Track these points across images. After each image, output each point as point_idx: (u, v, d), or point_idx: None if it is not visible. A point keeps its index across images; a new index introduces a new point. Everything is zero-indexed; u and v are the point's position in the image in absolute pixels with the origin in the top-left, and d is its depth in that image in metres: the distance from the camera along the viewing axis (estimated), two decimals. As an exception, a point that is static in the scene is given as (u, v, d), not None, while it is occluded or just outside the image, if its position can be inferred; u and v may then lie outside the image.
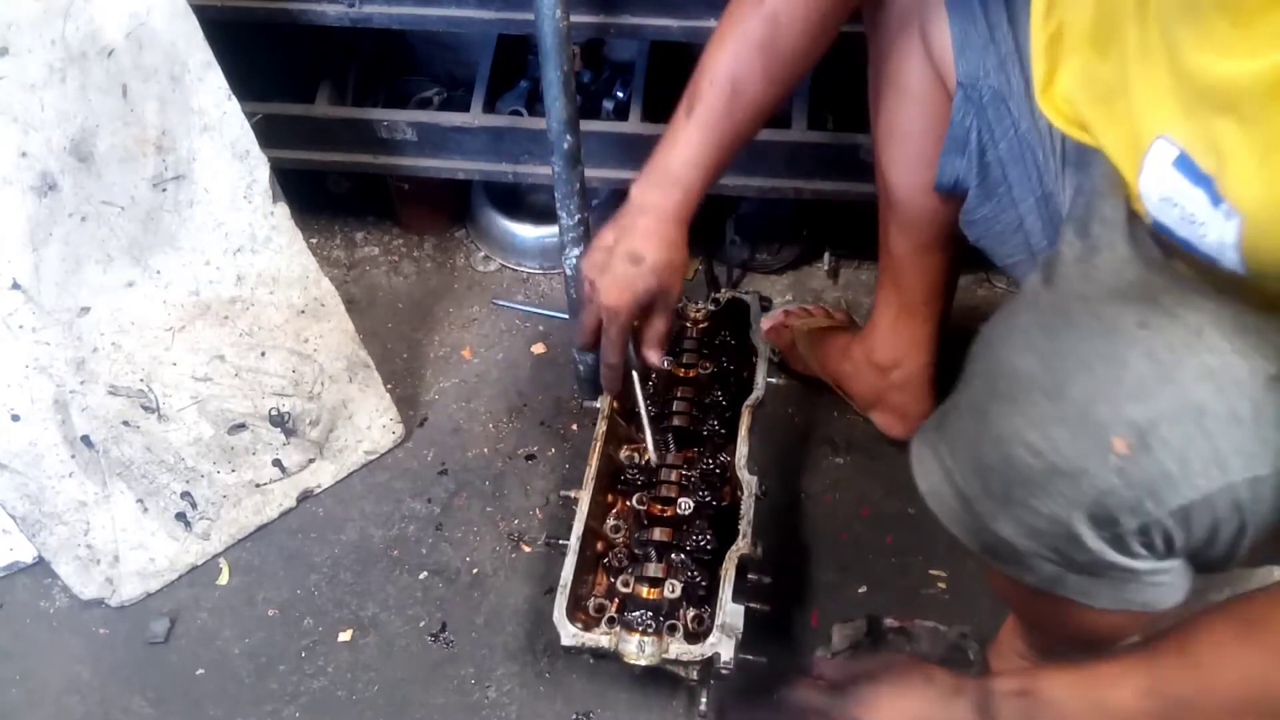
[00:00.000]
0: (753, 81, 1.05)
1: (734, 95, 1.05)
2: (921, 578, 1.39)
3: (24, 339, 1.18)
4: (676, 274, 1.12)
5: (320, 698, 1.33)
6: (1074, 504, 0.75)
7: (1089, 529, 0.76)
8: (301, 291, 1.36)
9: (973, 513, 0.81)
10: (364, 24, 1.49)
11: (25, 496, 1.27)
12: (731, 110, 1.06)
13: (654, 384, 1.41)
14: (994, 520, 0.80)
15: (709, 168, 1.08)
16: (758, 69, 1.04)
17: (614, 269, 1.10)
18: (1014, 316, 0.82)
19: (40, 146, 1.09)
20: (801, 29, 1.03)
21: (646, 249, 1.09)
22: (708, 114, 1.06)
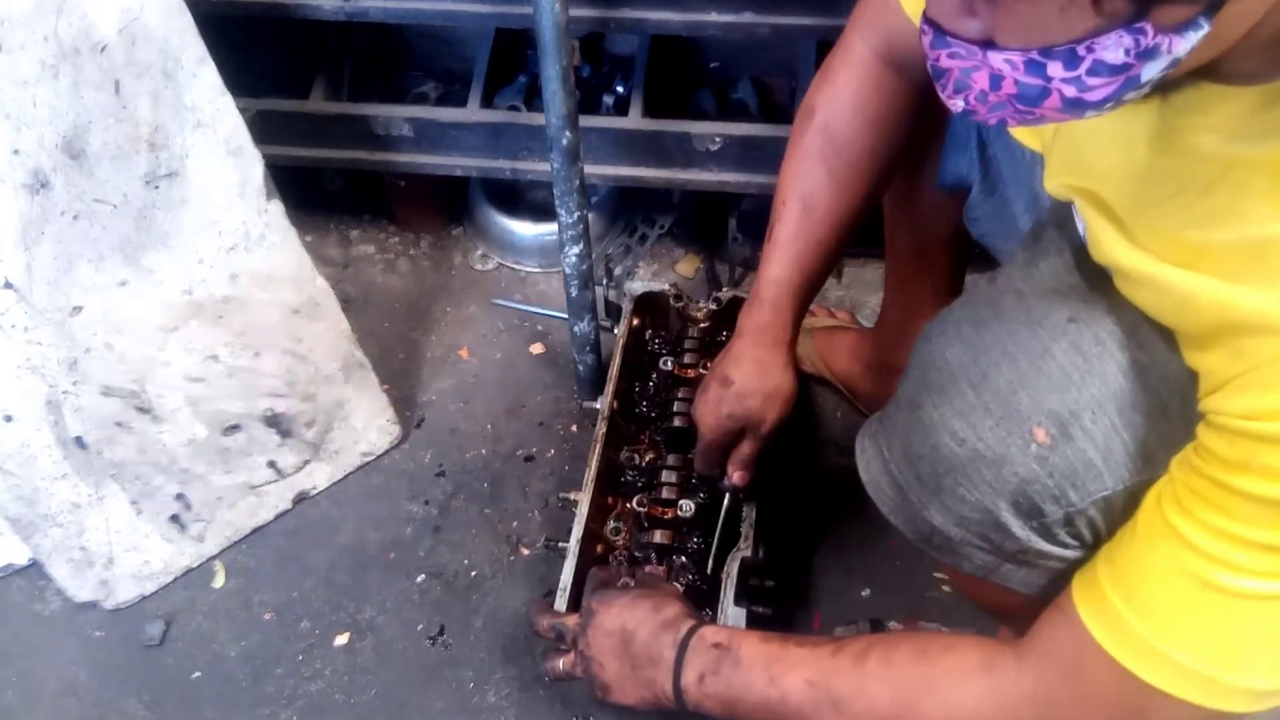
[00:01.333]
0: (822, 193, 1.06)
1: (806, 210, 1.07)
2: (925, 581, 1.38)
3: (16, 339, 1.16)
4: (770, 400, 1.11)
5: (317, 701, 1.32)
6: (998, 492, 0.77)
7: (1014, 517, 0.78)
8: (296, 290, 1.34)
9: (907, 501, 0.84)
10: (360, 18, 1.48)
11: (18, 498, 1.26)
12: (807, 225, 1.07)
13: (654, 384, 1.39)
14: (926, 509, 0.82)
15: (796, 284, 1.09)
16: (824, 179, 1.06)
17: (709, 390, 1.13)
18: (951, 311, 0.85)
19: (32, 144, 1.08)
20: (856, 130, 1.05)
21: (736, 373, 1.10)
22: (785, 232, 1.08)
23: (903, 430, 0.83)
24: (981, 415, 0.77)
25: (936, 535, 0.83)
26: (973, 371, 0.78)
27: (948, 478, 0.79)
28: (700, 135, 1.51)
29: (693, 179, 1.57)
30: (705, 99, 1.71)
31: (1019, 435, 0.75)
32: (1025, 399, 0.75)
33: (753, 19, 1.40)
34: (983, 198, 1.12)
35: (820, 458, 1.50)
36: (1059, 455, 0.74)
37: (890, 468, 0.85)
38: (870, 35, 1.04)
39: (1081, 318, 0.77)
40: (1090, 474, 0.74)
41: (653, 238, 1.77)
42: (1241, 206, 0.64)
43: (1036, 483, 0.75)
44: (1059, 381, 0.75)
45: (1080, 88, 0.58)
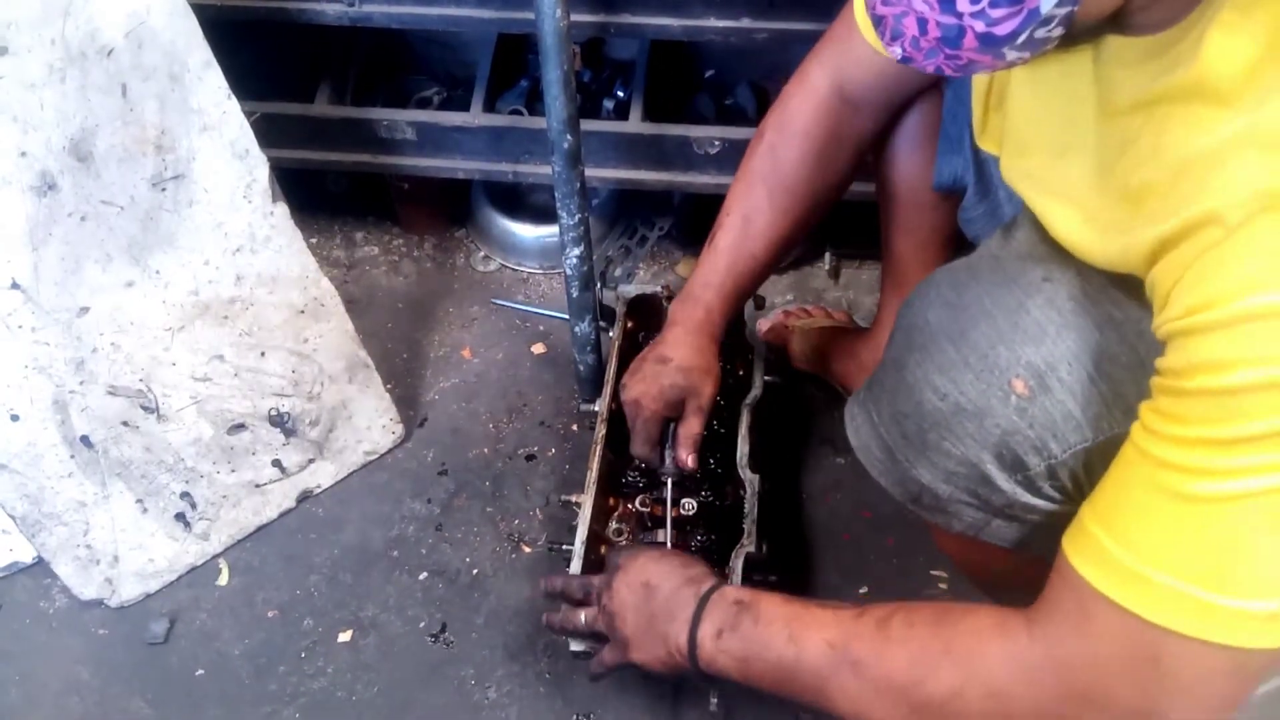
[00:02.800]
0: (761, 211, 1.13)
1: (744, 226, 1.14)
2: (923, 579, 1.38)
3: (23, 339, 1.18)
4: (706, 377, 1.15)
5: (320, 698, 1.33)
6: (981, 444, 0.78)
7: (998, 470, 0.79)
8: (301, 291, 1.35)
9: (895, 461, 0.85)
10: (364, 23, 1.49)
11: (25, 497, 1.27)
12: (744, 238, 1.14)
13: None
14: (914, 466, 0.84)
15: (728, 289, 1.16)
16: (764, 199, 1.13)
17: (643, 370, 1.16)
18: (932, 276, 0.88)
19: (40, 146, 1.09)
20: (798, 160, 1.11)
21: (673, 352, 1.15)
22: (724, 241, 1.16)
23: (889, 391, 0.85)
24: (962, 369, 0.78)
25: (925, 493, 0.84)
26: (952, 329, 0.80)
27: (932, 433, 0.81)
28: (699, 139, 1.53)
29: (692, 182, 1.58)
30: (704, 103, 1.72)
31: (999, 387, 0.77)
32: (1003, 352, 0.77)
33: (750, 24, 1.42)
34: (976, 199, 1.13)
35: (818, 457, 1.51)
36: (1038, 406, 0.76)
37: (878, 430, 0.86)
38: (829, 67, 1.08)
39: (1055, 277, 0.79)
40: (1069, 425, 0.76)
41: (652, 240, 1.78)
42: (1164, 141, 0.66)
43: (1018, 434, 0.77)
44: (1035, 335, 0.76)
45: (988, 21, 0.62)
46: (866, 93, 1.09)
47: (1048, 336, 0.76)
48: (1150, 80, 0.68)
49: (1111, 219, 0.72)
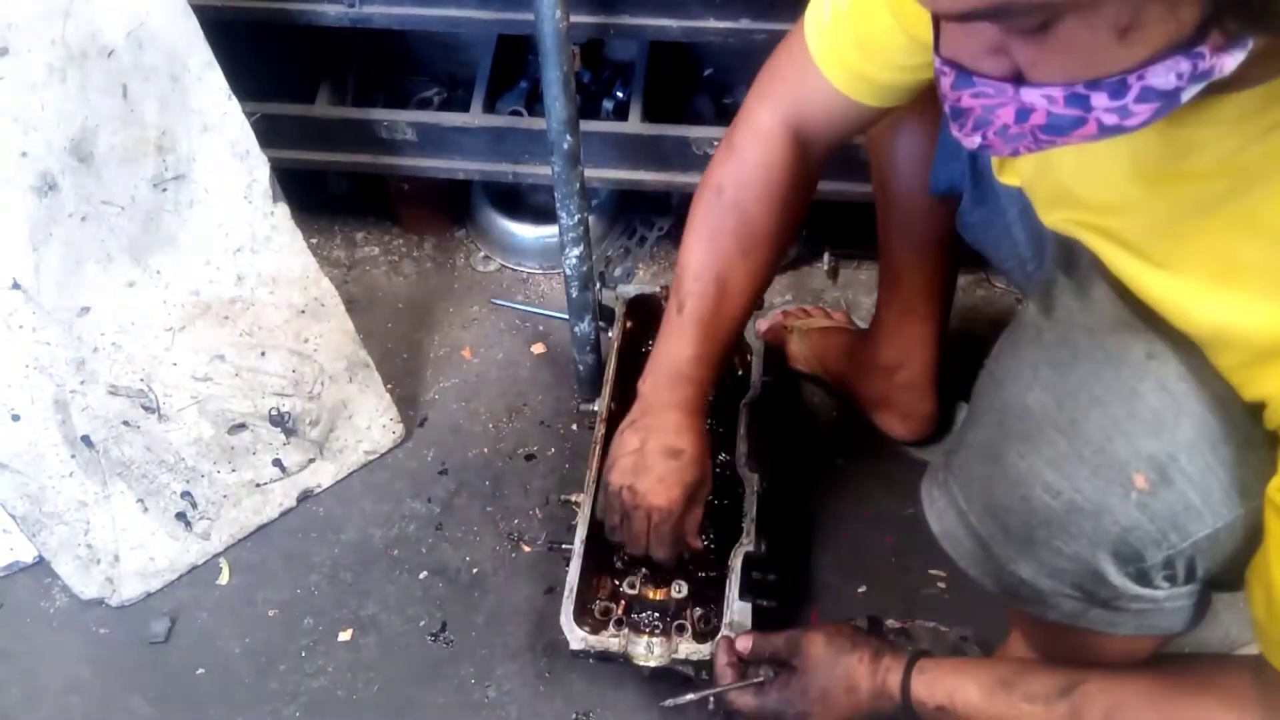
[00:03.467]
0: (735, 270, 1.07)
1: (720, 287, 1.06)
2: (921, 578, 1.39)
3: (24, 339, 1.18)
4: (709, 461, 1.11)
5: (320, 697, 1.33)
6: (1097, 543, 0.74)
7: (1113, 565, 0.75)
8: (301, 291, 1.36)
9: (991, 555, 0.80)
10: (364, 24, 1.49)
11: (25, 496, 1.27)
12: (720, 303, 1.07)
13: None
14: (1014, 563, 0.79)
15: (711, 361, 1.09)
16: (736, 257, 1.06)
17: (654, 469, 1.06)
18: (1019, 351, 0.81)
19: (40, 146, 1.09)
20: (766, 208, 1.06)
21: (683, 442, 1.06)
22: (699, 310, 1.07)
23: (983, 481, 0.80)
24: (1076, 465, 0.73)
25: (1024, 588, 0.80)
26: (1059, 418, 0.75)
27: (1041, 530, 0.76)
28: (698, 139, 1.53)
29: (691, 182, 1.58)
30: (703, 104, 1.73)
31: (1119, 484, 0.72)
32: (1122, 445, 0.72)
33: (750, 25, 1.42)
34: (973, 205, 1.13)
35: (817, 457, 1.52)
36: (1159, 500, 0.72)
37: (969, 519, 0.81)
38: (778, 105, 1.04)
39: (1158, 353, 0.74)
40: (1190, 515, 0.72)
41: (651, 240, 1.78)
42: (1261, 216, 0.63)
43: (1138, 530, 0.73)
44: (1153, 424, 0.72)
45: (1123, 115, 0.57)
46: (824, 131, 1.04)
47: (1165, 425, 0.72)
48: (1246, 142, 0.63)
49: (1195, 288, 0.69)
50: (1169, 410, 0.72)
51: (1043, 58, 0.56)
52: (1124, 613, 0.80)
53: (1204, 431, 0.71)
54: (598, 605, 1.20)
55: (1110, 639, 0.84)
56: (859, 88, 0.98)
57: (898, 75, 0.95)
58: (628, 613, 1.20)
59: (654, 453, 1.06)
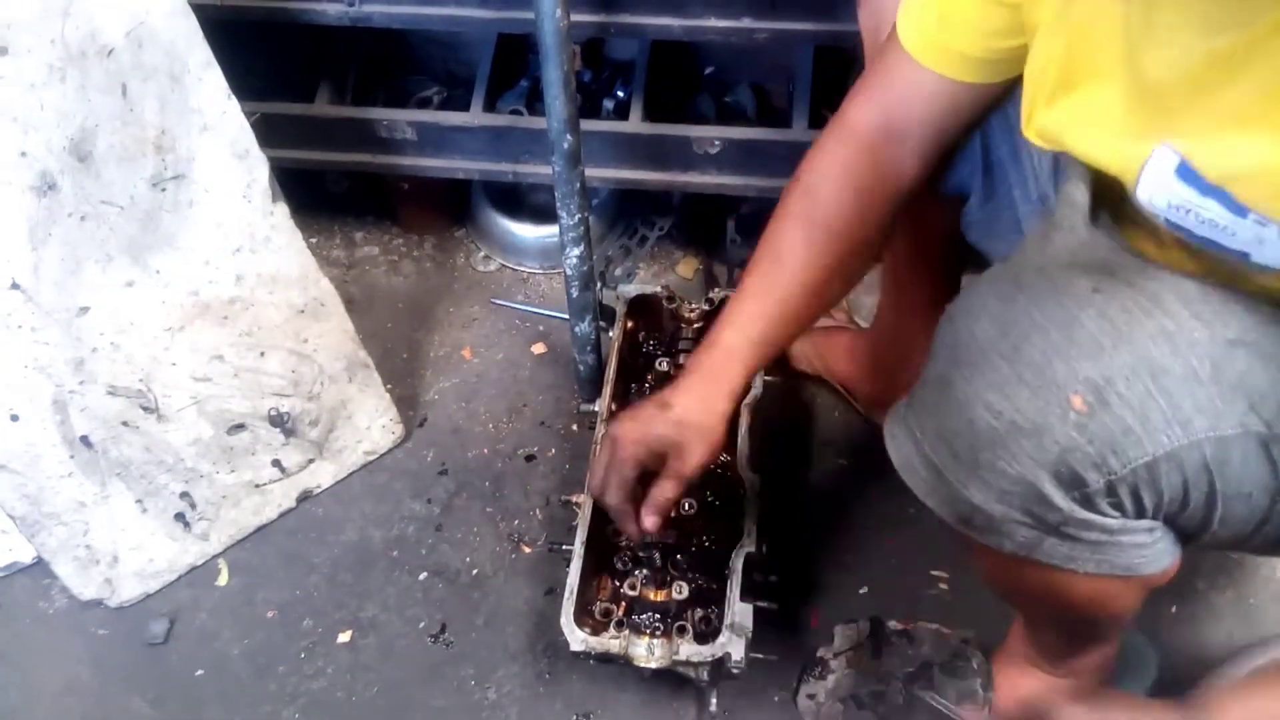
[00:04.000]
0: (794, 250, 1.04)
1: (775, 263, 1.05)
2: (923, 578, 1.39)
3: (23, 339, 1.18)
4: (700, 438, 1.03)
5: (320, 699, 1.33)
6: (1038, 462, 0.76)
7: (1055, 488, 0.77)
8: (301, 291, 1.35)
9: (944, 481, 0.82)
10: (364, 23, 1.49)
11: (24, 497, 1.27)
12: (775, 278, 1.04)
13: (650, 386, 1.40)
14: (965, 487, 0.81)
15: (754, 337, 1.05)
16: (798, 238, 1.04)
17: (639, 409, 1.06)
18: (973, 289, 0.84)
19: (40, 146, 1.09)
20: (837, 196, 1.03)
21: (678, 399, 1.04)
22: (751, 285, 1.05)
23: (935, 409, 0.82)
24: (1017, 386, 0.76)
25: (977, 514, 0.82)
26: (1003, 344, 0.77)
27: (986, 452, 0.78)
28: (699, 139, 1.53)
29: (692, 182, 1.58)
30: (704, 103, 1.72)
31: (1057, 404, 0.74)
32: (1060, 367, 0.74)
33: (751, 24, 1.42)
34: (979, 204, 1.12)
35: (818, 457, 1.51)
36: (1097, 422, 0.74)
37: (924, 449, 0.83)
38: (869, 107, 1.02)
39: (1105, 288, 0.76)
40: (1129, 440, 0.74)
41: (652, 239, 1.78)
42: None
43: (1077, 451, 0.75)
44: (1091, 349, 0.74)
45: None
46: (915, 119, 1.01)
47: (1104, 350, 0.74)
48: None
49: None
50: (1108, 337, 0.74)
51: None
52: (1079, 544, 0.81)
53: (1144, 360, 0.73)
54: (598, 606, 1.20)
55: (1076, 579, 0.85)
56: (947, 61, 0.95)
57: (983, 41, 0.93)
58: (628, 614, 1.20)
59: (651, 400, 1.06)
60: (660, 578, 1.22)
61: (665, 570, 1.23)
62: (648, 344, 1.44)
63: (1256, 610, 1.34)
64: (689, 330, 1.43)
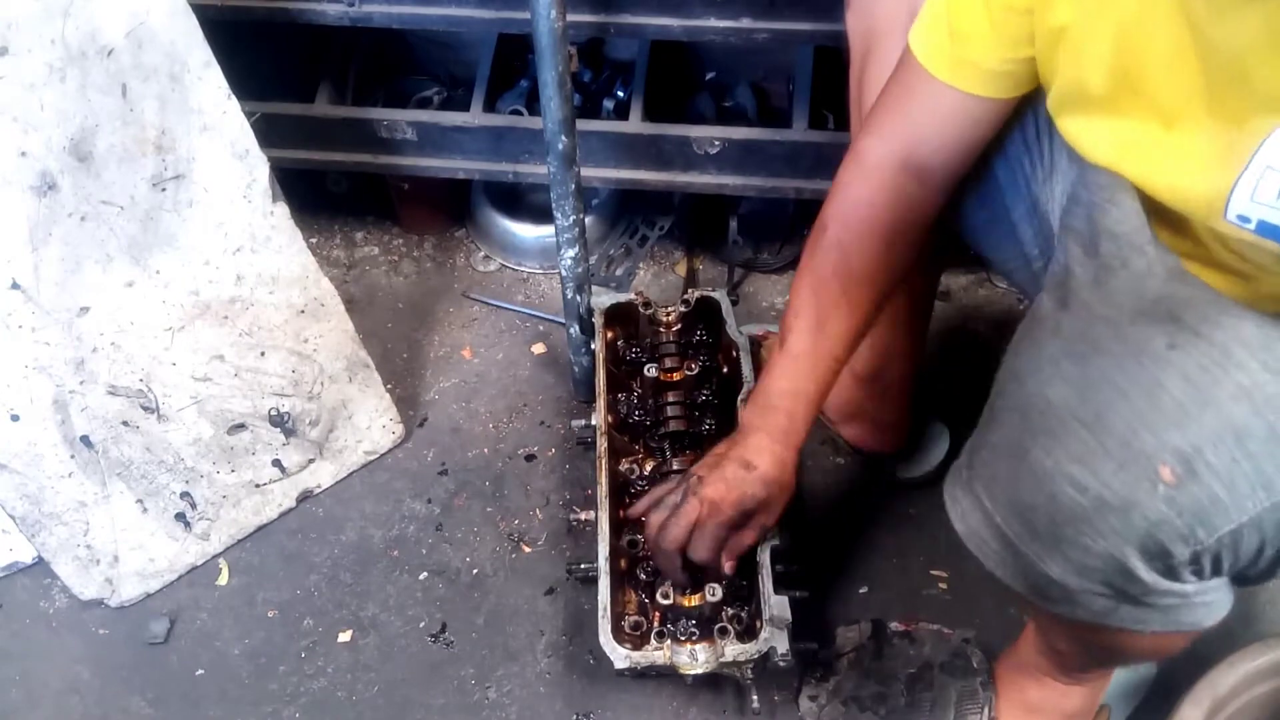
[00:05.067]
0: (835, 313, 1.07)
1: (819, 329, 1.07)
2: (923, 578, 1.38)
3: (24, 339, 1.18)
4: (783, 494, 1.11)
5: (320, 698, 1.33)
6: (1126, 538, 0.74)
7: (1141, 561, 0.75)
8: (301, 291, 1.35)
9: (1018, 554, 0.80)
10: (364, 23, 1.49)
11: (25, 496, 1.27)
12: (820, 343, 1.08)
13: (640, 393, 1.40)
14: (1042, 562, 0.78)
15: (811, 395, 1.09)
16: (837, 296, 1.06)
17: (725, 471, 1.09)
18: (1039, 346, 0.81)
19: (40, 146, 1.09)
20: (868, 246, 1.04)
21: (759, 460, 1.08)
22: (799, 346, 1.08)
23: (1007, 479, 0.79)
24: (1102, 459, 0.73)
25: (1054, 587, 0.80)
26: (1083, 412, 0.74)
27: (1068, 528, 0.75)
28: (699, 139, 1.53)
29: (692, 182, 1.58)
30: (704, 103, 1.72)
31: (1146, 477, 0.71)
32: (1148, 438, 0.72)
33: (750, 25, 1.42)
34: (976, 208, 1.12)
35: (816, 457, 1.51)
36: (1186, 494, 0.71)
37: (994, 519, 0.80)
38: (888, 139, 1.01)
39: (1181, 343, 0.73)
40: (1217, 509, 0.72)
41: (653, 239, 1.78)
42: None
43: (1166, 525, 0.72)
44: (1176, 416, 0.71)
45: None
46: (940, 146, 1.00)
47: (1189, 417, 0.71)
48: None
49: None
50: (1193, 402, 0.71)
51: None
52: (1152, 609, 0.80)
53: (1229, 423, 0.71)
54: (627, 620, 1.19)
55: (1141, 638, 0.84)
56: (965, 75, 0.94)
57: (999, 52, 0.92)
58: (663, 623, 1.19)
59: (731, 460, 1.09)
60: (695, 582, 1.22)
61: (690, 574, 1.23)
62: (630, 351, 1.44)
63: (1256, 610, 1.34)
64: (669, 335, 1.42)
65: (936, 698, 1.21)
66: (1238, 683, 1.05)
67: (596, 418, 1.32)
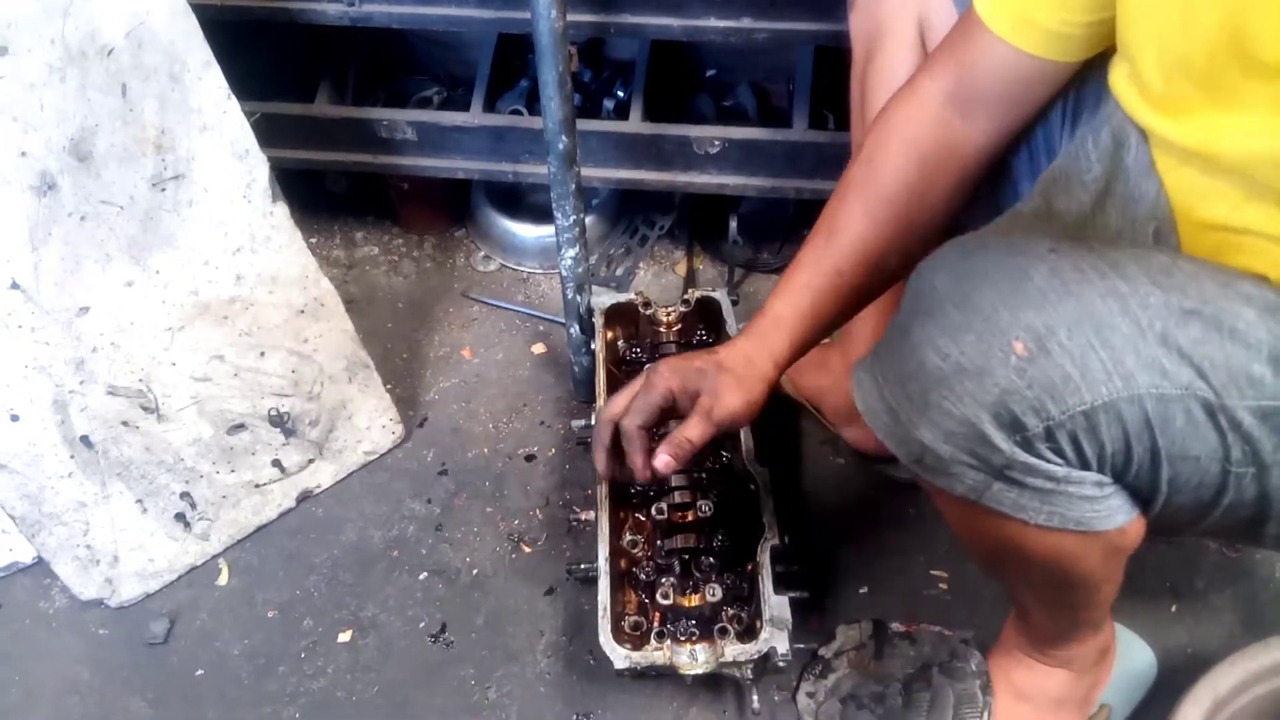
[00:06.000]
0: (851, 221, 1.04)
1: (831, 235, 1.04)
2: (923, 578, 1.38)
3: (23, 339, 1.18)
4: (740, 388, 1.04)
5: (320, 699, 1.33)
6: (980, 404, 0.79)
7: (996, 429, 0.80)
8: (301, 291, 1.35)
9: (899, 422, 0.85)
10: (364, 23, 1.49)
11: (24, 497, 1.27)
12: (829, 250, 1.04)
13: None
14: (916, 427, 0.84)
15: (803, 308, 1.05)
16: (855, 208, 1.03)
17: (684, 356, 1.06)
18: (942, 247, 0.86)
19: (39, 146, 1.09)
20: (899, 166, 1.02)
21: (724, 351, 1.06)
22: (806, 254, 1.05)
23: (894, 354, 0.85)
24: (963, 331, 0.79)
25: (928, 454, 0.85)
26: (956, 294, 0.80)
27: (933, 393, 0.81)
28: (700, 139, 1.53)
29: (693, 181, 1.58)
30: (704, 103, 1.73)
31: (999, 348, 0.77)
32: (1004, 315, 0.77)
33: (751, 24, 1.42)
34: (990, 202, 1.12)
35: (815, 457, 1.51)
36: (1036, 367, 0.76)
37: (883, 391, 0.86)
38: (941, 74, 1.00)
39: (1062, 249, 0.79)
40: (1068, 387, 0.76)
41: (653, 239, 1.78)
42: None
43: (1016, 394, 0.78)
44: (1036, 300, 0.77)
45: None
46: (986, 90, 0.99)
47: (1048, 302, 0.77)
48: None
49: None
50: (1054, 291, 0.77)
51: None
52: (1026, 490, 0.83)
53: (1089, 314, 0.76)
54: (627, 621, 1.19)
55: (1030, 532, 0.87)
56: (1025, 34, 0.93)
57: (1061, 14, 0.92)
58: (663, 623, 1.19)
59: (700, 351, 1.08)
60: (684, 583, 1.22)
61: (690, 574, 1.23)
62: (630, 351, 1.44)
63: (1256, 610, 1.34)
64: (669, 334, 1.42)
65: (934, 699, 1.21)
66: (1238, 683, 1.05)
67: (595, 416, 1.32)
